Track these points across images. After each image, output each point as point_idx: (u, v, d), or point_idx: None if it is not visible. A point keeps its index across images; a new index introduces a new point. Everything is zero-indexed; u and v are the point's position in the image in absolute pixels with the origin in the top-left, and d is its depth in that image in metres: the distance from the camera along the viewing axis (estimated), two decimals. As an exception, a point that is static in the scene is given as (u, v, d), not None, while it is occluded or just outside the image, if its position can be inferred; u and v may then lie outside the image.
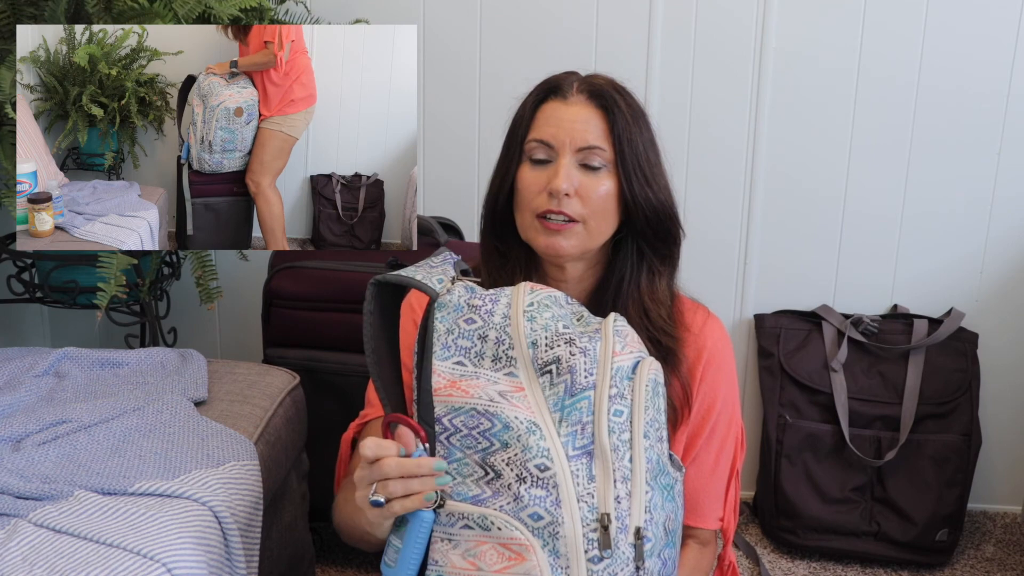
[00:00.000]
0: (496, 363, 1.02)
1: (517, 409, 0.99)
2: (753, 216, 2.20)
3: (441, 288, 1.05)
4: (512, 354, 1.02)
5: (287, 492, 1.65)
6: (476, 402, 1.00)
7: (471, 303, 1.04)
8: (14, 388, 1.55)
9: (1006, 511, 2.27)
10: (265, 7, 1.89)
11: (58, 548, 1.17)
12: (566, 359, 1.00)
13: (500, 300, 1.04)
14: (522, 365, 1.01)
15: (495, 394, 1.00)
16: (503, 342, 1.02)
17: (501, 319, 1.03)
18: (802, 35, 2.10)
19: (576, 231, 1.17)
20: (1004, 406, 2.23)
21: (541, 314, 1.03)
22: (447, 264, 1.10)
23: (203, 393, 1.59)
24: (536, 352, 1.01)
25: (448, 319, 1.04)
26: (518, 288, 1.06)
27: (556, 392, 1.00)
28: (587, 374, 1.00)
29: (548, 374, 1.01)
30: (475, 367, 1.02)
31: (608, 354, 1.01)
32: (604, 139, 1.16)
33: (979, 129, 2.11)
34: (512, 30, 2.15)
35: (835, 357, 2.12)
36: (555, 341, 1.01)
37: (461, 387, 1.00)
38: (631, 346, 1.04)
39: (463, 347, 1.02)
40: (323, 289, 1.87)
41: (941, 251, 2.19)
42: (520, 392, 1.00)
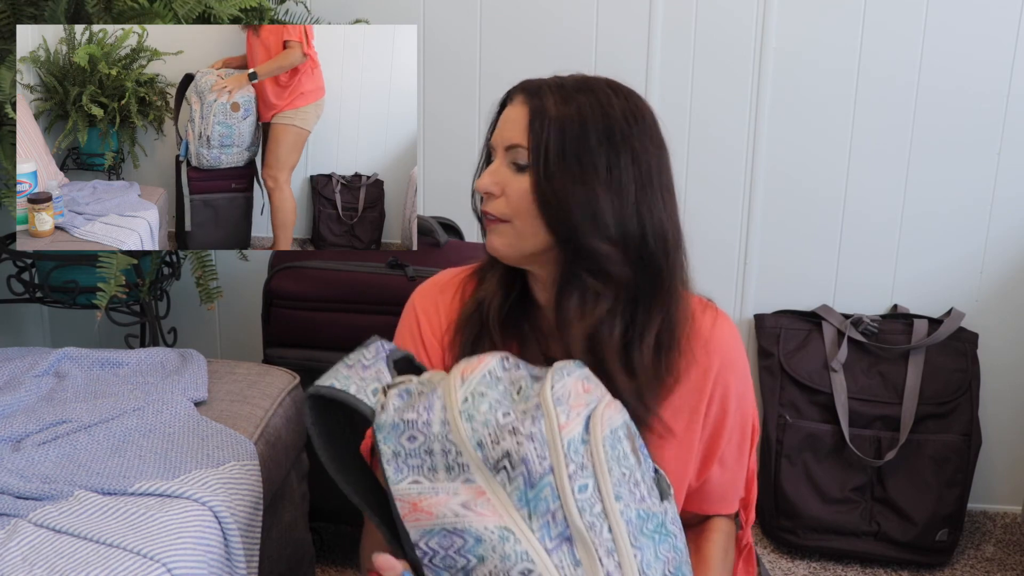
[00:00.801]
0: (450, 473, 0.98)
1: (484, 518, 0.95)
2: (753, 216, 2.20)
3: (376, 403, 1.01)
4: (462, 460, 0.97)
5: (287, 492, 1.65)
6: (443, 521, 0.96)
7: (406, 419, 0.99)
8: (14, 388, 1.55)
9: (1006, 511, 2.27)
10: (265, 7, 1.89)
11: (58, 548, 1.17)
12: (515, 450, 0.96)
13: (435, 406, 0.99)
14: (476, 468, 0.97)
15: (458, 507, 0.96)
16: (449, 452, 0.98)
17: (440, 427, 0.98)
18: (802, 35, 2.10)
19: (503, 229, 1.14)
20: (1004, 406, 2.23)
21: (478, 408, 0.98)
22: (379, 361, 1.06)
23: (203, 393, 1.59)
24: (485, 452, 0.97)
25: (391, 440, 0.99)
26: (448, 384, 1.01)
27: (516, 487, 0.96)
28: (540, 459, 0.96)
29: (503, 470, 0.96)
30: (431, 482, 0.98)
31: (555, 431, 0.97)
32: (526, 136, 1.12)
33: (979, 129, 2.11)
34: (512, 30, 2.15)
35: (835, 357, 2.12)
36: (499, 435, 0.97)
37: (423, 508, 0.97)
38: (576, 407, 1.00)
39: (414, 465, 0.98)
40: (323, 289, 1.87)
41: (941, 251, 2.19)
42: (483, 497, 0.96)
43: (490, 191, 1.14)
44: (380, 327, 1.86)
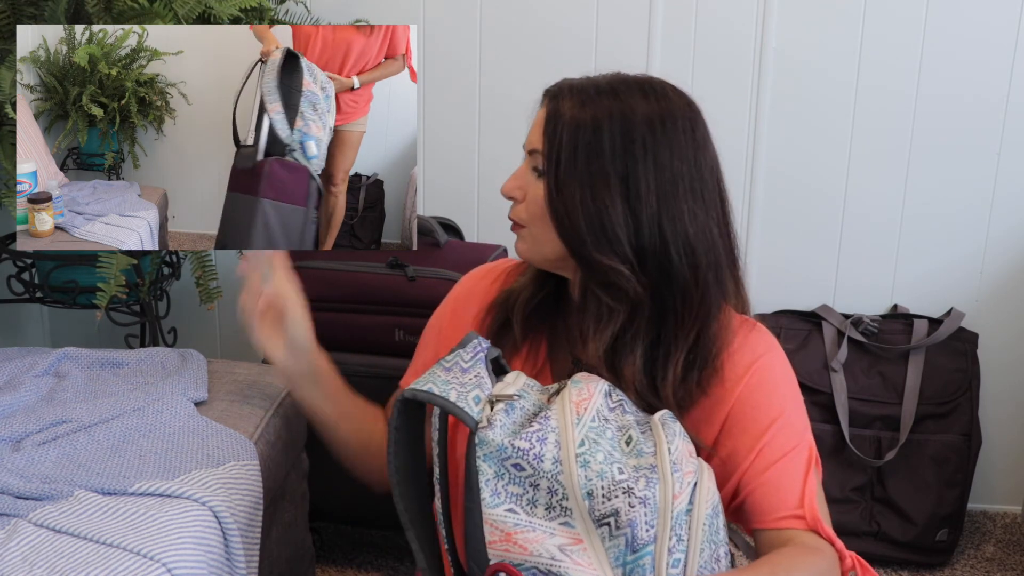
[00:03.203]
0: (550, 512, 0.95)
1: (580, 568, 0.93)
2: (753, 216, 2.20)
3: (480, 415, 0.97)
4: (567, 504, 0.94)
5: (287, 492, 1.65)
6: (537, 560, 0.93)
7: (516, 445, 0.95)
8: (14, 388, 1.55)
9: (1006, 511, 2.27)
10: (265, 7, 1.89)
11: (58, 548, 1.17)
12: (625, 511, 0.93)
13: (548, 439, 0.95)
14: (578, 516, 0.94)
15: (555, 550, 0.93)
16: (556, 492, 0.95)
17: (552, 465, 0.94)
18: (802, 36, 2.10)
19: (523, 234, 1.12)
20: (1004, 406, 2.23)
21: (594, 456, 0.94)
22: (478, 363, 1.01)
23: (203, 393, 1.59)
24: (593, 503, 0.94)
25: (494, 461, 0.96)
26: (564, 419, 0.96)
27: (616, 545, 0.94)
28: (648, 527, 0.93)
29: (606, 526, 0.94)
30: (528, 516, 0.95)
31: (668, 500, 0.94)
32: (542, 140, 1.09)
33: (979, 129, 2.11)
34: (512, 30, 2.14)
35: (835, 357, 2.12)
36: (612, 491, 0.93)
37: (518, 541, 0.94)
38: (687, 474, 0.97)
39: (514, 493, 0.95)
40: (323, 289, 1.87)
41: (941, 251, 2.19)
42: (579, 545, 0.94)
43: (513, 195, 1.11)
44: (380, 327, 1.87)
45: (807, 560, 1.03)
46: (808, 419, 1.13)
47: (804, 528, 1.06)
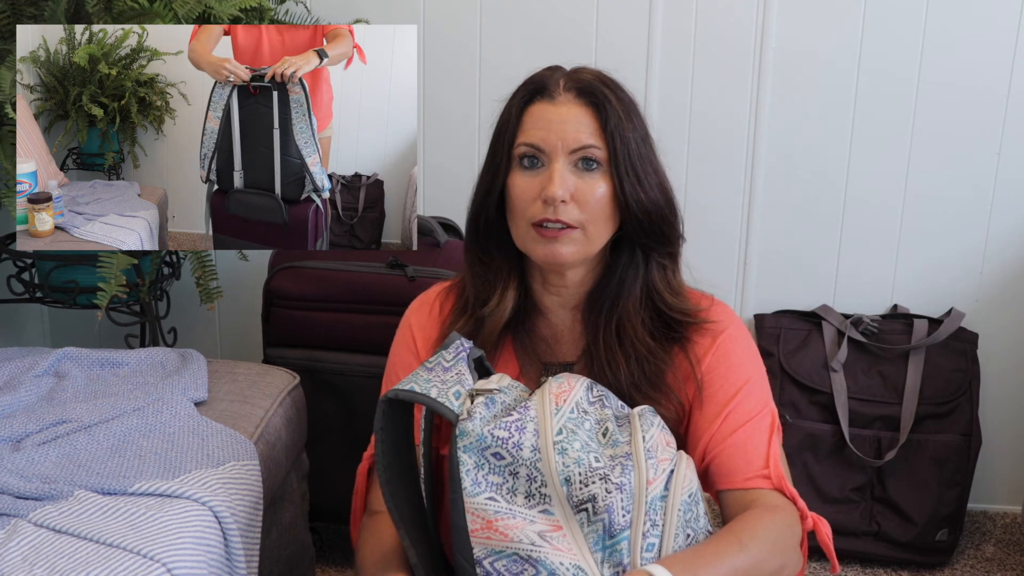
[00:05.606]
0: (529, 500, 0.98)
1: (560, 553, 0.96)
2: (753, 216, 2.20)
3: (460, 408, 1.00)
4: (546, 491, 0.97)
5: (287, 492, 1.65)
6: (517, 546, 0.96)
7: (495, 434, 0.98)
8: (14, 388, 1.55)
9: (1006, 511, 2.27)
10: (265, 7, 1.89)
11: (58, 548, 1.17)
12: (602, 497, 0.96)
13: (527, 428, 0.99)
14: (557, 502, 0.97)
15: (535, 536, 0.96)
16: (535, 479, 0.98)
17: (531, 453, 0.98)
18: (802, 33, 2.10)
19: (574, 237, 1.12)
20: (1004, 406, 2.23)
21: (571, 444, 0.98)
22: (460, 360, 1.05)
23: (203, 393, 1.59)
24: (571, 489, 0.97)
25: (473, 452, 0.98)
26: (543, 409, 1.00)
27: (595, 530, 0.97)
28: (624, 512, 0.97)
29: (584, 512, 0.97)
30: (508, 504, 0.98)
31: (642, 486, 0.98)
32: (598, 137, 1.11)
33: (979, 130, 2.11)
34: (513, 30, 2.15)
35: (835, 357, 2.12)
36: (589, 478, 0.97)
37: (498, 528, 0.96)
38: (662, 461, 1.01)
39: (494, 483, 0.98)
40: (323, 289, 1.87)
41: (941, 251, 2.19)
42: (559, 532, 0.97)
43: (565, 199, 1.11)
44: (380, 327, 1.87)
45: (767, 520, 1.10)
46: (770, 387, 1.22)
47: (770, 487, 1.14)
